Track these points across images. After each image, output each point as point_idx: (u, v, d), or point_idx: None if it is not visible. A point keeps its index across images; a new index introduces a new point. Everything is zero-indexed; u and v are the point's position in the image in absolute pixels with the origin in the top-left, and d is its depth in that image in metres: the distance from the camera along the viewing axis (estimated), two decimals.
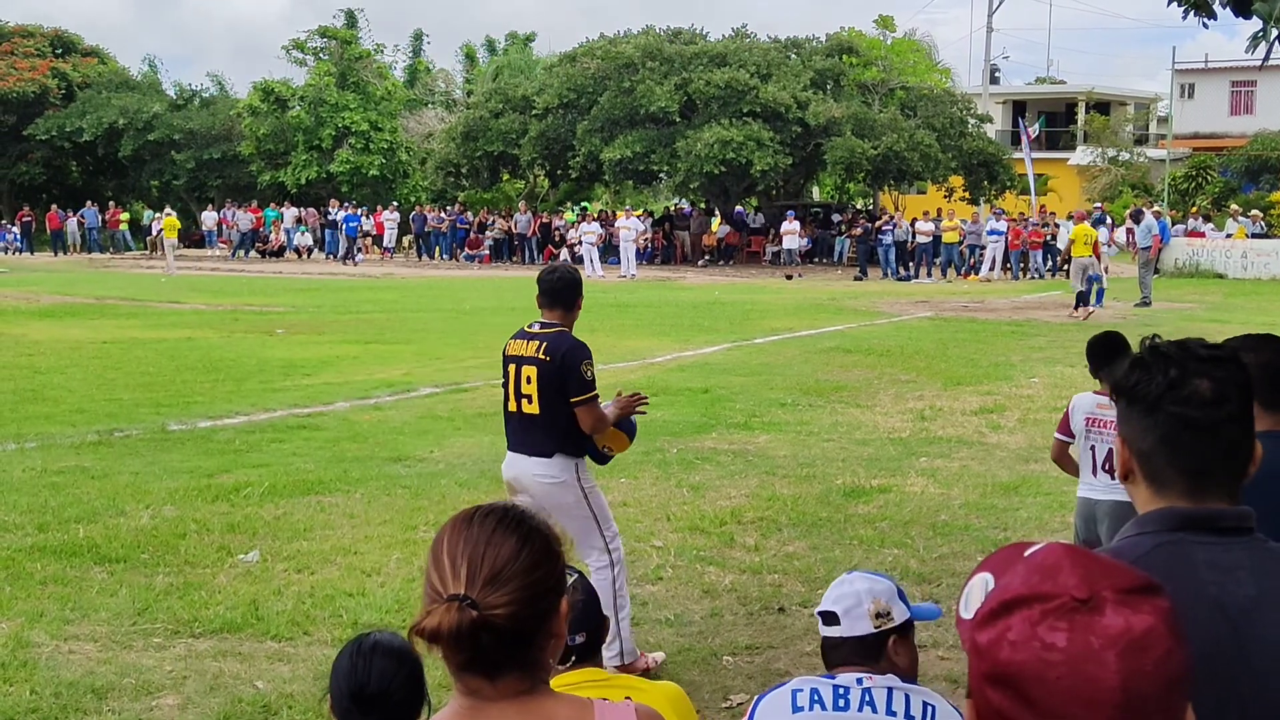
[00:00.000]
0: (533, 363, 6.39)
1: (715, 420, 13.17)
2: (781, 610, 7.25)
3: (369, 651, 3.16)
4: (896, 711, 3.06)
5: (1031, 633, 1.46)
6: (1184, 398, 2.05)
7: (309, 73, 54.86)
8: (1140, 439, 2.10)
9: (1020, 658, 1.45)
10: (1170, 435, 2.07)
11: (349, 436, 12.20)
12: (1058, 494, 9.87)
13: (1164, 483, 2.09)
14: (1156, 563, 1.99)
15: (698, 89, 41.87)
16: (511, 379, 6.43)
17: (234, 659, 6.41)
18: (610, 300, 28.11)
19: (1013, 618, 1.48)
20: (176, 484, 10.03)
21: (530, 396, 6.30)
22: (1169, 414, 2.06)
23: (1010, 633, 1.47)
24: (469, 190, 52.59)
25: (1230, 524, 2.06)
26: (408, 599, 7.29)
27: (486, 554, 1.93)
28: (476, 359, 17.94)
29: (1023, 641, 1.45)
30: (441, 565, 1.94)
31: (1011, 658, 1.45)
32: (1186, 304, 27.31)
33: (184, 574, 7.76)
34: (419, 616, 1.91)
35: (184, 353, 18.30)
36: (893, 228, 38.77)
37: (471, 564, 1.92)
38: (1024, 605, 1.48)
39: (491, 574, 1.91)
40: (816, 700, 3.09)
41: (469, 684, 1.97)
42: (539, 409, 6.27)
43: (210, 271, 38.77)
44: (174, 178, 56.46)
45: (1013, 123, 48.32)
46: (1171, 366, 2.07)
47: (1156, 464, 2.09)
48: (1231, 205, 44.49)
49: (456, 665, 1.95)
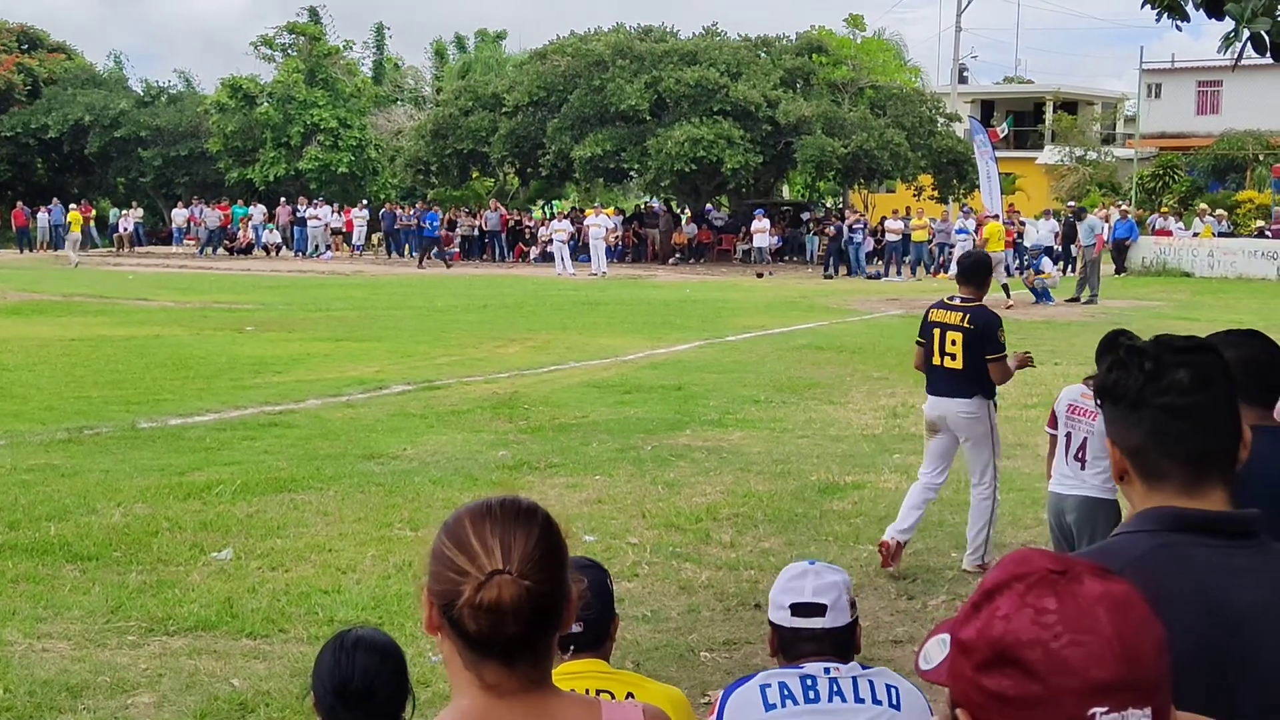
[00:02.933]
0: (957, 329, 8.06)
1: (689, 417, 13.18)
2: (758, 606, 7.25)
3: (352, 647, 3.14)
4: (864, 699, 3.08)
5: (1021, 603, 1.48)
6: (1165, 388, 2.05)
7: (277, 69, 54.58)
8: (1128, 436, 2.10)
9: (1017, 626, 1.47)
10: (1158, 427, 2.06)
11: (321, 434, 12.15)
12: (1030, 490, 9.93)
13: (1160, 476, 2.08)
14: (1155, 564, 1.98)
15: (668, 87, 41.88)
16: (936, 340, 8.16)
17: (209, 656, 6.38)
18: (582, 298, 28.11)
19: (998, 600, 1.51)
20: (148, 482, 9.97)
21: (954, 355, 8.01)
22: (1154, 406, 2.06)
23: (999, 610, 1.49)
24: (439, 188, 52.45)
25: (1235, 527, 2.04)
26: (383, 596, 7.27)
27: (516, 536, 1.94)
28: (448, 356, 17.92)
29: (1015, 612, 1.48)
30: (469, 548, 1.92)
31: (1007, 630, 1.47)
32: (1154, 302, 27.49)
33: (157, 572, 7.72)
34: (463, 593, 1.89)
35: (153, 350, 18.18)
36: (863, 226, 38.91)
37: (504, 544, 1.92)
38: (1005, 587, 1.51)
39: (525, 554, 1.92)
40: (787, 695, 3.09)
41: (485, 674, 1.96)
42: (961, 364, 7.98)
43: (179, 269, 38.55)
44: (141, 175, 56.12)
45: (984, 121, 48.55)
46: (1147, 360, 2.07)
47: (1150, 459, 2.08)
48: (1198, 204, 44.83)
49: (481, 652, 1.94)
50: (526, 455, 11.15)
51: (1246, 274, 34.86)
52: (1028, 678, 1.46)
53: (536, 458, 11.05)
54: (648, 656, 6.43)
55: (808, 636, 3.22)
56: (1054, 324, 22.92)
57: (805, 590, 3.25)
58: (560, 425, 12.66)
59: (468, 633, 1.92)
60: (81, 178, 58.68)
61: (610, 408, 13.71)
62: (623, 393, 14.75)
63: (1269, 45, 5.12)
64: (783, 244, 43.93)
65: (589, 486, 10.02)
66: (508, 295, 28.73)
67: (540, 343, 19.60)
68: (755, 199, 46.91)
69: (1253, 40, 5.04)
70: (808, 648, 3.21)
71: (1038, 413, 13.27)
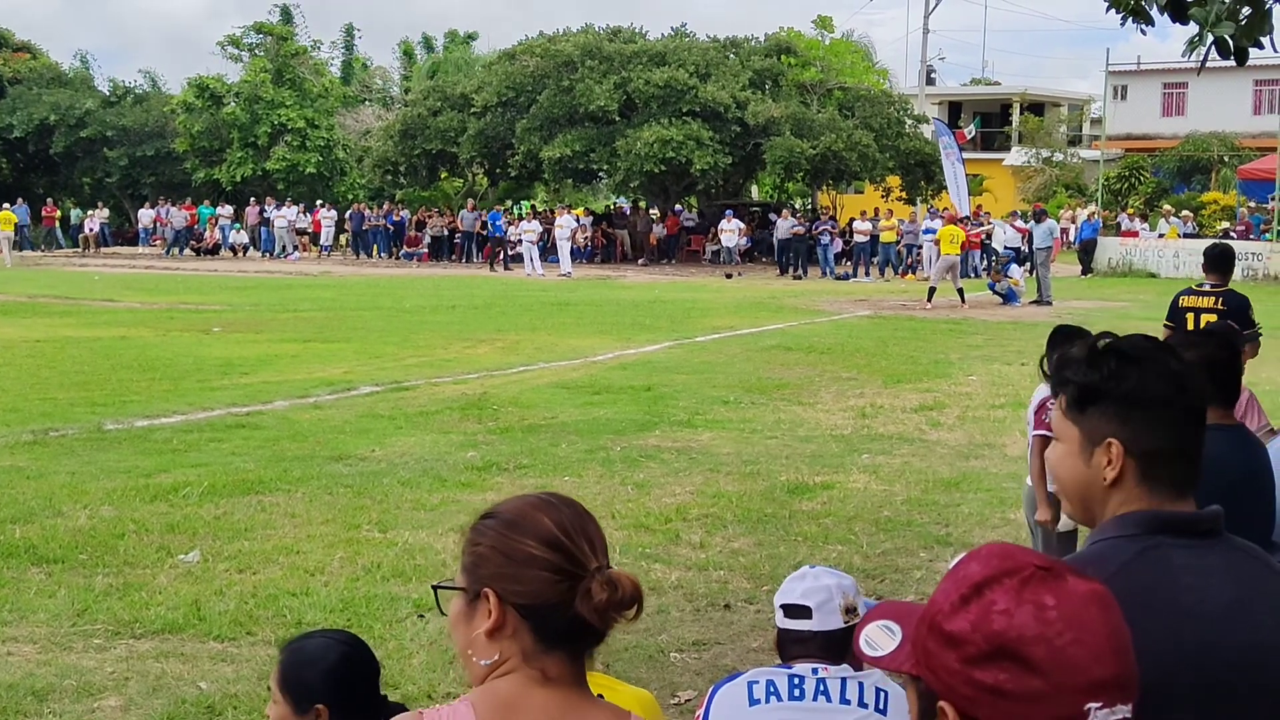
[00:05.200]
0: (1210, 311, 8.71)
1: (658, 418, 13.19)
2: (728, 607, 7.28)
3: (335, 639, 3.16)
4: (850, 700, 3.11)
5: (1019, 598, 1.50)
6: (1186, 388, 2.07)
7: (244, 69, 54.30)
8: (1143, 438, 2.07)
9: (1020, 622, 1.48)
10: (1175, 428, 2.07)
11: (289, 435, 12.10)
12: (998, 490, 9.99)
13: (1159, 479, 2.07)
14: (1142, 569, 1.99)
15: (637, 88, 41.89)
16: (1190, 323, 8.73)
17: (176, 660, 6.35)
18: (550, 299, 28.09)
19: (990, 594, 1.52)
20: (114, 484, 9.90)
21: None
22: (1179, 407, 2.07)
23: (997, 605, 1.50)
24: (407, 188, 52.30)
25: (1205, 527, 2.05)
26: (352, 598, 7.25)
27: (592, 530, 1.99)
28: (417, 357, 17.88)
29: (1015, 608, 1.49)
30: (561, 545, 1.94)
31: (1010, 625, 1.48)
32: (1120, 303, 27.66)
33: (123, 574, 7.67)
34: (584, 591, 1.92)
35: (119, 351, 18.07)
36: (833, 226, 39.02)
37: (589, 540, 1.97)
38: (995, 582, 1.52)
39: (604, 546, 1.99)
40: (773, 692, 3.12)
41: (549, 667, 1.97)
42: None
43: (144, 269, 38.33)
44: (107, 175, 55.74)
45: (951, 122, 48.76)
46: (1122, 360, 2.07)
47: (1158, 461, 2.07)
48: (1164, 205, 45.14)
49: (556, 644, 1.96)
50: (495, 456, 11.13)
51: None
52: (1029, 673, 1.47)
53: (505, 459, 11.03)
54: (617, 658, 6.43)
55: (796, 638, 3.25)
56: (1020, 324, 23.05)
57: (796, 592, 3.28)
58: (529, 426, 12.65)
59: (568, 628, 1.93)
60: (47, 178, 58.19)
61: (579, 408, 13.71)
62: (592, 393, 14.75)
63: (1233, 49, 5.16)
64: (751, 245, 44.00)
65: (558, 487, 9.99)
66: (477, 296, 28.68)
67: (509, 343, 19.57)
68: (724, 200, 46.98)
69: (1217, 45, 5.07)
70: (798, 649, 3.24)
71: (1005, 413, 13.36)
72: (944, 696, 1.53)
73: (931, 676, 1.55)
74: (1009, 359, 17.87)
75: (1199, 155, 53.49)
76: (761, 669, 3.24)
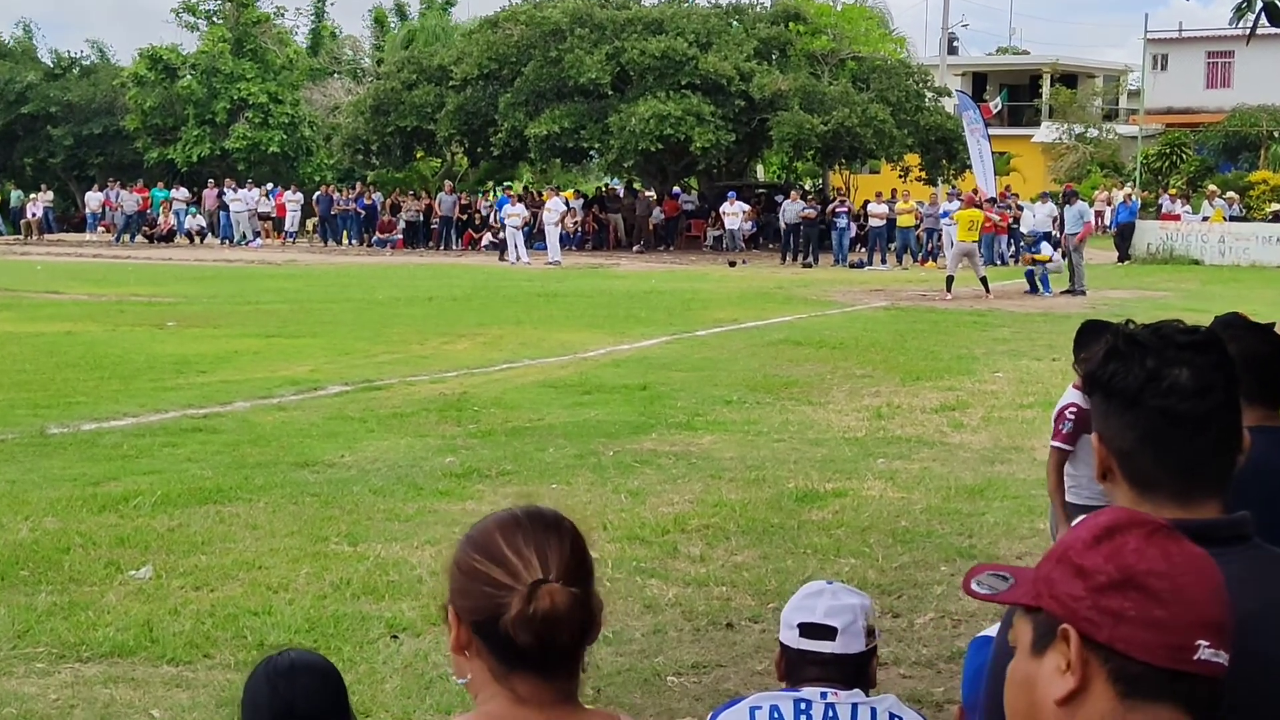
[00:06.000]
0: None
1: (655, 420, 13.20)
2: (730, 626, 7.28)
3: (289, 670, 3.13)
4: None
5: (1148, 543, 1.72)
6: (1165, 390, 2.05)
7: (201, 39, 54.29)
8: (1119, 437, 2.10)
9: (1149, 559, 1.70)
10: (1153, 432, 2.07)
11: (250, 440, 12.10)
12: (1026, 497, 9.99)
13: (1149, 484, 2.09)
14: None
15: (631, 59, 41.88)
16: None
17: (126, 685, 6.34)
18: (537, 289, 28.10)
19: (1123, 537, 1.74)
20: (58, 493, 9.89)
21: None
22: (1150, 408, 2.06)
23: (1129, 545, 1.72)
24: (379, 169, 52.29)
25: (1227, 533, 2.06)
26: (319, 617, 7.25)
27: (550, 544, 2.03)
28: (390, 354, 17.88)
29: (1144, 549, 1.72)
30: (505, 559, 2.00)
31: (1140, 559, 1.70)
32: (1160, 292, 27.70)
33: (69, 592, 7.66)
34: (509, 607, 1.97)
35: (64, 348, 18.06)
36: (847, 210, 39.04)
37: (540, 554, 2.00)
38: (1126, 529, 1.75)
39: (563, 562, 2.02)
40: (777, 717, 3.12)
41: (518, 687, 2.03)
42: None
43: (93, 258, 38.31)
44: (50, 155, 55.76)
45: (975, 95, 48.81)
46: (1149, 356, 2.07)
47: (1140, 464, 2.09)
48: (1208, 186, 45.20)
49: (517, 664, 2.01)
50: (476, 462, 11.13)
51: (1261, 261, 35.15)
52: (1153, 602, 1.68)
53: (487, 464, 11.03)
54: (609, 681, 6.43)
55: (814, 660, 3.24)
56: (1051, 316, 23.06)
57: (817, 610, 3.27)
58: (513, 429, 12.66)
59: (515, 646, 1.98)
60: None
61: (568, 409, 13.71)
62: (582, 393, 14.75)
63: None
64: (757, 230, 44.03)
65: (544, 496, 9.99)
66: (456, 286, 28.68)
67: (492, 338, 19.58)
68: (727, 181, 46.98)
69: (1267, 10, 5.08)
70: (813, 672, 3.23)
71: (1034, 413, 13.36)
72: (1069, 619, 1.72)
73: (1055, 604, 1.74)
74: (1038, 354, 17.88)
75: (1246, 131, 53.53)
76: (764, 694, 3.25)
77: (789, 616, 3.33)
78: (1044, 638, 1.76)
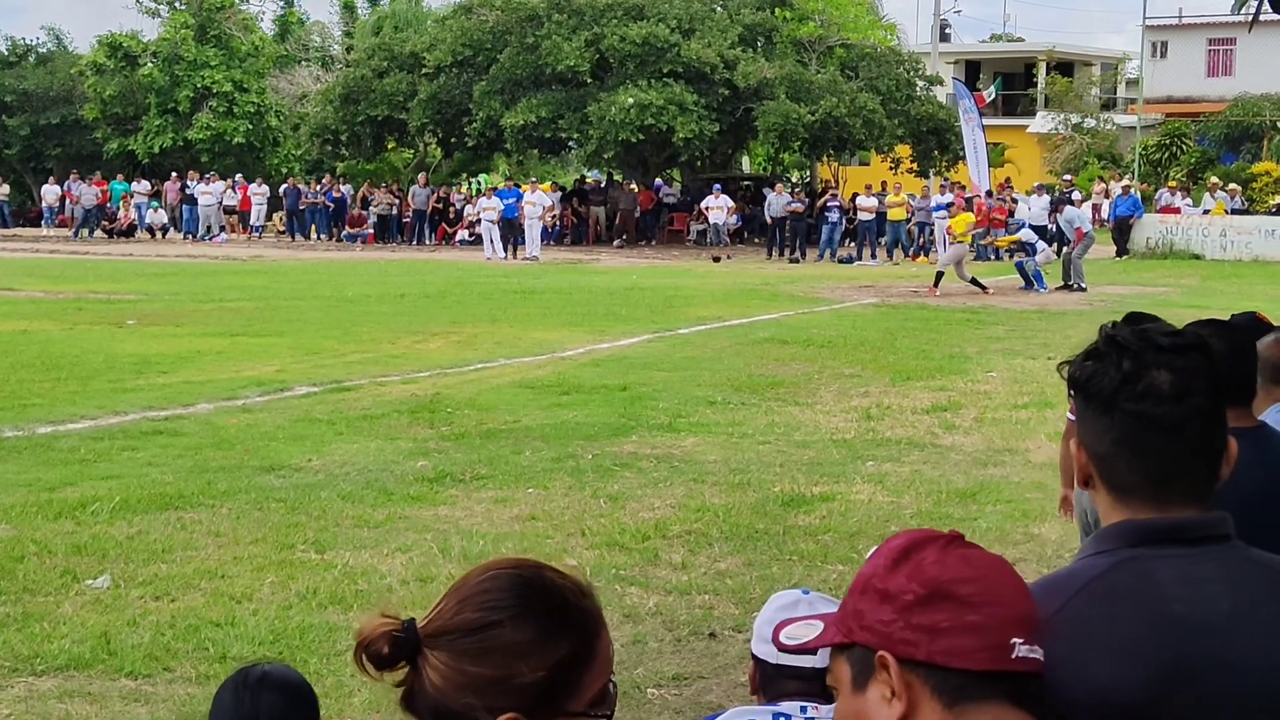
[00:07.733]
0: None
1: (635, 421, 13.19)
2: (713, 636, 7.28)
3: (257, 685, 3.11)
4: None
5: (945, 554, 1.87)
6: (1140, 393, 2.05)
7: (163, 25, 54.16)
8: (1097, 441, 2.11)
9: (951, 569, 1.85)
10: (1129, 436, 2.07)
11: (213, 443, 12.07)
12: (1020, 501, 10.01)
13: (1126, 489, 2.10)
14: (1114, 582, 2.02)
15: (611, 46, 41.90)
16: None
17: (82, 700, 6.32)
18: (514, 286, 28.09)
19: (920, 554, 1.88)
20: (12, 499, 9.86)
21: None
22: (1125, 412, 2.06)
23: (927, 560, 1.86)
24: (349, 161, 52.24)
25: (1199, 533, 2.06)
26: (284, 629, 7.22)
27: (470, 585, 2.03)
28: (360, 353, 17.85)
29: (944, 560, 1.86)
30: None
31: (942, 573, 1.84)
32: (1159, 288, 27.79)
33: (22, 603, 7.63)
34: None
35: (18, 348, 17.99)
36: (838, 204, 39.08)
37: (450, 595, 2.03)
38: (921, 546, 1.88)
39: (446, 610, 2.03)
40: None
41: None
42: None
43: (49, 254, 38.19)
44: (5, 146, 55.57)
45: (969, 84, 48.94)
46: (1126, 358, 2.06)
47: (1116, 468, 2.10)
48: (1209, 178, 45.33)
49: None
50: (449, 465, 11.12)
51: (1264, 256, 35.23)
52: (965, 608, 1.81)
53: (461, 468, 11.01)
54: None
55: (793, 674, 3.20)
56: (1047, 313, 23.14)
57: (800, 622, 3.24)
58: (488, 431, 12.64)
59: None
60: None
61: (545, 411, 13.70)
62: (560, 394, 14.75)
63: None
64: (742, 223, 44.05)
65: (521, 501, 10.00)
66: (429, 283, 28.66)
67: (466, 337, 19.56)
68: (711, 173, 47.03)
69: None
70: (792, 686, 3.19)
71: (1029, 414, 13.41)
72: (882, 647, 1.84)
73: (868, 634, 1.87)
74: (1033, 352, 17.92)
75: (1249, 121, 53.73)
76: (743, 709, 3.23)
77: (763, 629, 3.27)
78: (863, 673, 1.89)
